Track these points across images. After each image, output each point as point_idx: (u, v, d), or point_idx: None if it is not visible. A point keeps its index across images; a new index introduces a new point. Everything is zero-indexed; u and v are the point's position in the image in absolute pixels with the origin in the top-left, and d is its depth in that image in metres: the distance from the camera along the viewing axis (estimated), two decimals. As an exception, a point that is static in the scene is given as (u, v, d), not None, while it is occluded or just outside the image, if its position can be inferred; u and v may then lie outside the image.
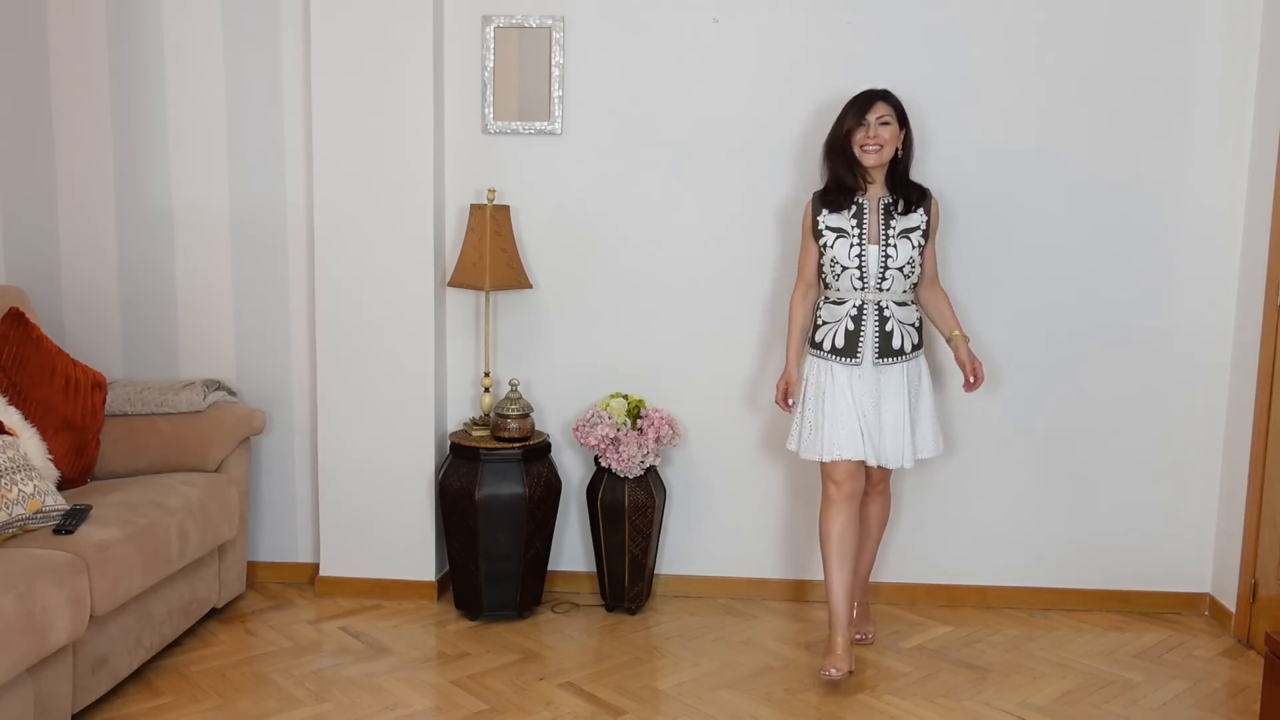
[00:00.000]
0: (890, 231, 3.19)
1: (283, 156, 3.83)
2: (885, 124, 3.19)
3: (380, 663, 3.33)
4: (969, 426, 3.81)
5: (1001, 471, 3.83)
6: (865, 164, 3.19)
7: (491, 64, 3.75)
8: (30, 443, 3.20)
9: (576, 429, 3.68)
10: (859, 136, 3.19)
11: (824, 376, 3.25)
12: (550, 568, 3.89)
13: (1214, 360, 3.76)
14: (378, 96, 3.67)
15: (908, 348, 3.23)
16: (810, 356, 3.30)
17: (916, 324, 3.28)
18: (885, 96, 3.22)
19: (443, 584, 3.89)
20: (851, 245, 3.20)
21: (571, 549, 3.97)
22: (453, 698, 3.11)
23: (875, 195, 3.24)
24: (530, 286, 3.75)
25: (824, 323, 3.27)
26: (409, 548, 3.83)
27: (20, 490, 2.92)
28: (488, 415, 3.74)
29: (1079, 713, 3.09)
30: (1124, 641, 3.60)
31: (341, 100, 3.67)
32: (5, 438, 3.01)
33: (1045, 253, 3.74)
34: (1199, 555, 3.84)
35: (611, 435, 3.62)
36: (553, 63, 3.74)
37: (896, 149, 3.22)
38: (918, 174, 3.44)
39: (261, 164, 3.84)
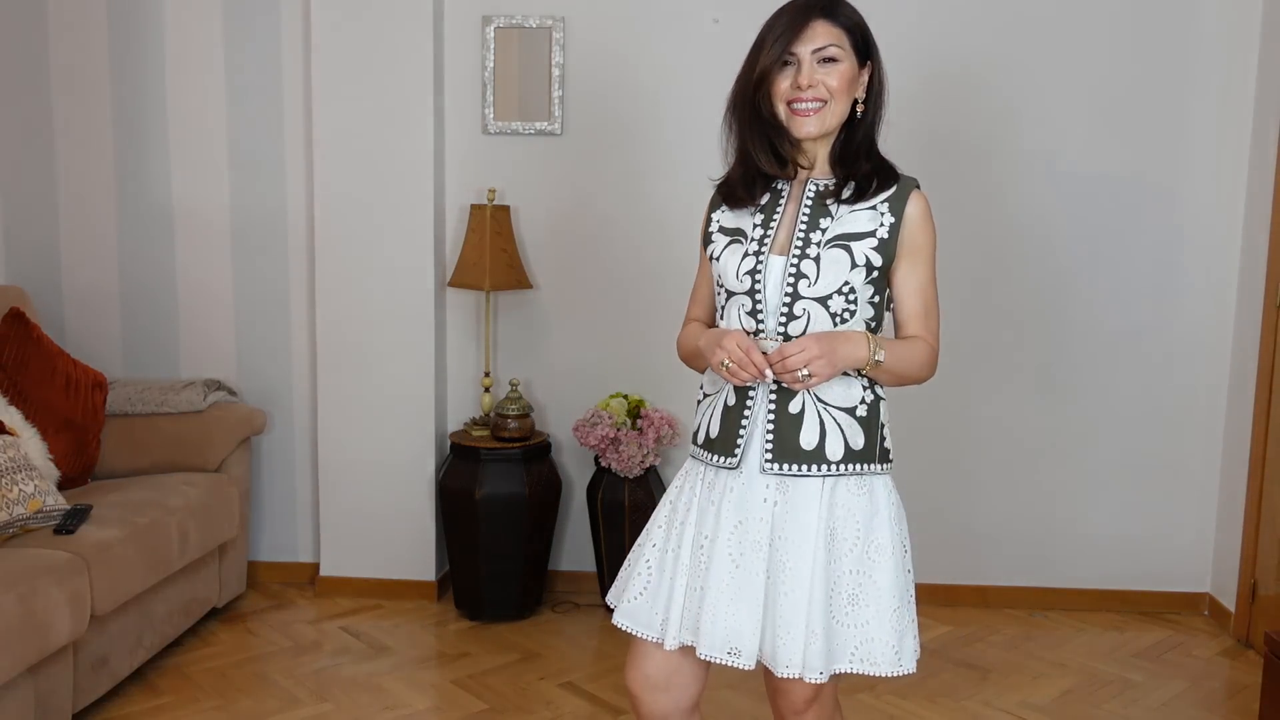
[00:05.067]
0: (814, 234, 1.87)
1: (283, 156, 3.84)
2: (830, 61, 1.85)
3: (380, 663, 3.33)
4: (968, 425, 3.81)
5: (1001, 471, 3.83)
6: (797, 135, 1.88)
7: (491, 64, 3.75)
8: (31, 443, 3.20)
9: (576, 429, 3.68)
10: (783, 87, 1.86)
11: (686, 488, 1.97)
12: (550, 568, 3.89)
13: (1214, 360, 3.76)
14: (378, 96, 3.67)
15: (834, 451, 1.85)
16: (690, 456, 2.02)
17: (861, 410, 1.89)
18: (828, 10, 1.86)
19: (443, 584, 3.89)
20: (745, 255, 1.89)
21: (571, 549, 3.97)
22: (453, 698, 3.11)
23: (804, 180, 1.93)
24: (531, 287, 3.75)
25: (705, 395, 2.01)
26: (409, 548, 3.83)
27: (21, 490, 2.92)
28: (488, 415, 3.74)
29: (1079, 713, 3.09)
30: (1124, 641, 3.61)
31: (342, 100, 3.67)
32: (6, 438, 3.02)
33: (1044, 252, 3.73)
34: (1199, 555, 3.84)
35: (611, 435, 3.62)
36: (553, 63, 3.74)
37: (856, 101, 1.89)
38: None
39: (261, 164, 3.84)
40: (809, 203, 1.90)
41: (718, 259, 1.94)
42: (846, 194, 1.89)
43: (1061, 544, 3.85)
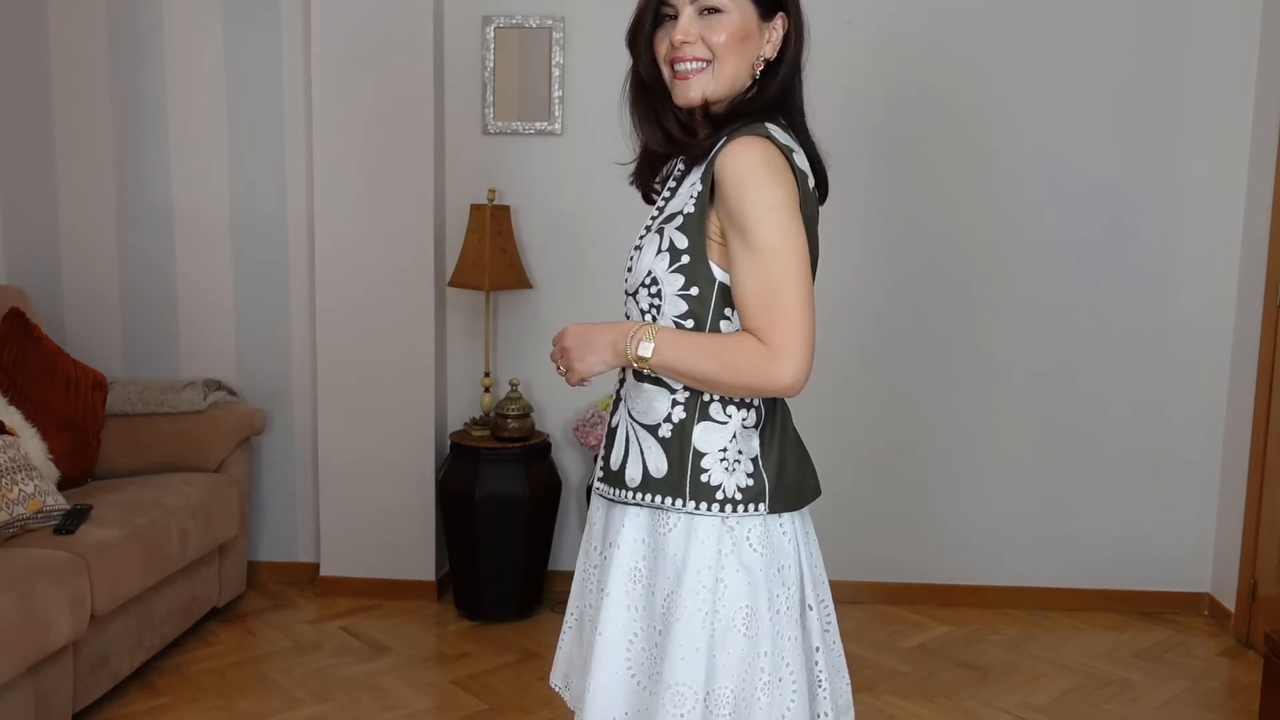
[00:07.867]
0: (651, 220, 1.62)
1: (283, 156, 3.84)
2: (713, 11, 1.51)
3: (380, 663, 3.33)
4: (968, 426, 3.81)
5: (1001, 471, 3.83)
6: (678, 101, 1.55)
7: (491, 64, 3.75)
8: (31, 442, 3.20)
9: (576, 429, 3.68)
10: (663, 47, 1.55)
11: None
12: (550, 568, 3.89)
13: (1214, 360, 3.76)
14: (378, 96, 3.67)
15: (632, 475, 1.56)
16: None
17: (665, 430, 1.54)
18: None
19: (443, 584, 3.89)
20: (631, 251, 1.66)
21: (571, 549, 3.96)
22: (453, 698, 3.11)
23: None
24: (531, 286, 3.75)
25: None
26: (409, 548, 3.83)
27: (21, 490, 2.92)
28: (488, 415, 3.74)
29: (1079, 713, 3.09)
30: (1123, 641, 3.61)
31: (342, 100, 3.67)
32: (6, 438, 3.02)
33: (1044, 252, 3.73)
34: (1198, 555, 3.84)
35: (611, 435, 3.62)
36: (553, 63, 3.74)
37: (753, 65, 1.54)
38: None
39: (261, 164, 3.84)
40: (672, 183, 1.61)
41: None
42: (681, 166, 1.59)
43: (1061, 544, 3.85)
